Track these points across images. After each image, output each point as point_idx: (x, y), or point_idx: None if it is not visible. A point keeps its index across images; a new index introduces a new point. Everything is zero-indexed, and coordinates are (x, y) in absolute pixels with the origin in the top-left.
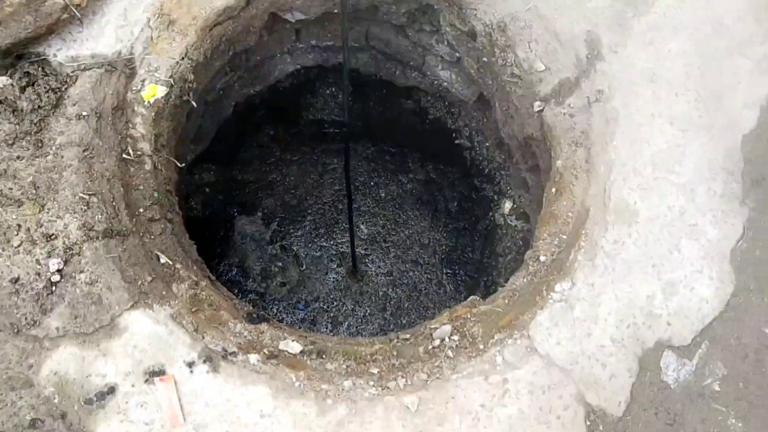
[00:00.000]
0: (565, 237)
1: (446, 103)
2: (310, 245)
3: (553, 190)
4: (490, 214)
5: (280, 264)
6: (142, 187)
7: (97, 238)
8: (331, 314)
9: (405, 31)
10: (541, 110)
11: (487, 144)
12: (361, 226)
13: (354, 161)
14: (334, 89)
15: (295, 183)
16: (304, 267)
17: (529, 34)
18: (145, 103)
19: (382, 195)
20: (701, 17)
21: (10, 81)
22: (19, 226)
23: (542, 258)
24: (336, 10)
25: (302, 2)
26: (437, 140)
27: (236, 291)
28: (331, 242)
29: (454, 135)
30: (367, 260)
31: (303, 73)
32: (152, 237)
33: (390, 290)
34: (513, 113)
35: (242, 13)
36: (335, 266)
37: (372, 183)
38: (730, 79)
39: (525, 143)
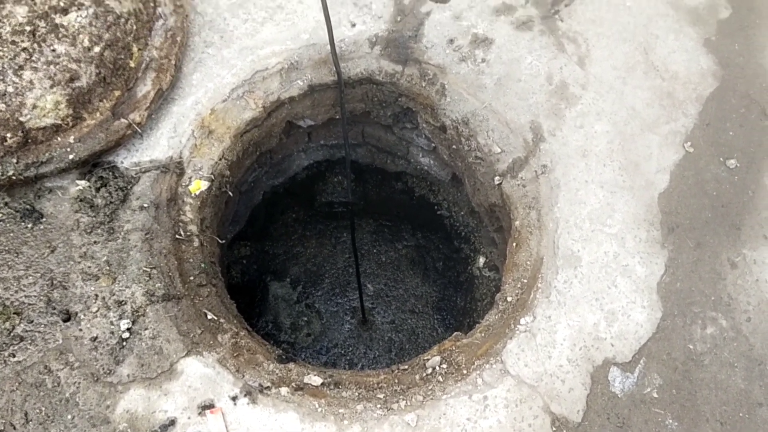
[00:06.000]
0: (525, 281)
1: (428, 183)
2: (328, 302)
3: (514, 244)
4: (468, 268)
5: (305, 319)
6: (191, 260)
7: (158, 301)
8: (348, 357)
9: (392, 129)
10: (500, 183)
11: (462, 212)
12: (368, 285)
13: (359, 233)
14: (340, 177)
15: (314, 253)
16: (325, 320)
17: (487, 125)
18: (192, 194)
19: (383, 259)
20: (618, 105)
21: (88, 184)
22: (97, 295)
23: (509, 298)
24: (338, 117)
25: (311, 112)
26: (423, 212)
27: (272, 342)
28: (345, 299)
29: (435, 207)
30: (373, 312)
31: (315, 166)
32: (201, 298)
33: (393, 335)
34: (479, 187)
35: (265, 122)
36: (349, 318)
37: (374, 250)
38: (645, 151)
39: (490, 210)
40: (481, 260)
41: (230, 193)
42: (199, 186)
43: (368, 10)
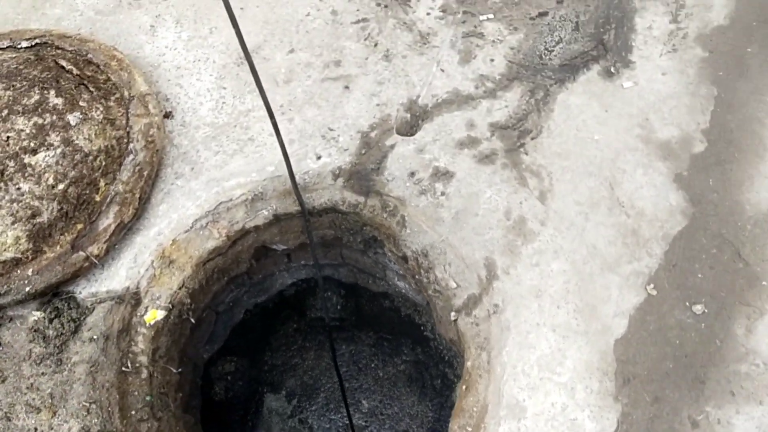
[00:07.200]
0: (470, 429)
1: (411, 303)
2: (321, 418)
3: (464, 387)
4: (452, 394)
5: None
6: (137, 393)
7: None
8: None
9: (366, 253)
10: (456, 320)
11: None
12: (363, 401)
13: (358, 346)
14: (329, 293)
15: (312, 365)
16: None
17: (444, 258)
18: (147, 324)
19: (380, 374)
20: (578, 243)
21: (42, 314)
22: (36, 429)
23: None
24: (308, 242)
25: (280, 238)
26: (414, 330)
27: None
28: (339, 415)
29: (421, 328)
30: (366, 431)
31: (301, 283)
32: None
33: None
34: (440, 319)
35: (229, 251)
36: None
37: (372, 364)
38: (603, 293)
39: (451, 343)
40: (464, 387)
41: (192, 320)
42: (154, 315)
43: (335, 142)
